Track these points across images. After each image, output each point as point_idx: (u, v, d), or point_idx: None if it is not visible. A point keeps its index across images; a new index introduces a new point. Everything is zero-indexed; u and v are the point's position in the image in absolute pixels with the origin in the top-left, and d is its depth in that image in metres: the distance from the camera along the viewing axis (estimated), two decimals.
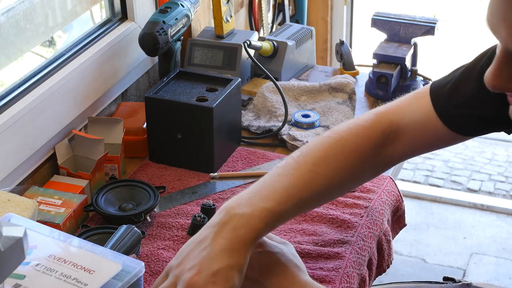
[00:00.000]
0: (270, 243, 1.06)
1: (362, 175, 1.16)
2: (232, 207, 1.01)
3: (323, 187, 1.08)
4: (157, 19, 1.52)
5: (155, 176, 1.44)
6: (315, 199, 1.09)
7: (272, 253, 1.05)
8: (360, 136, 1.12)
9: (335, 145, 1.11)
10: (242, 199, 1.02)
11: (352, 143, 1.11)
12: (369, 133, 1.13)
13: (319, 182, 1.07)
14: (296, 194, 1.04)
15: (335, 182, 1.09)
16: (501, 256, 2.67)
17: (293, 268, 1.05)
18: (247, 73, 1.76)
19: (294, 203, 1.04)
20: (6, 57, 1.37)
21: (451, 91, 1.11)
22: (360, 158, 1.11)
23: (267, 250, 1.05)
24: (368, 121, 1.14)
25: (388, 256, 1.34)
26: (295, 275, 1.04)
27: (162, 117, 1.44)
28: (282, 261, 1.05)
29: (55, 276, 0.96)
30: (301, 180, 1.06)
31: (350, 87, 1.69)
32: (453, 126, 1.11)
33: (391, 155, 1.15)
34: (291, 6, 2.61)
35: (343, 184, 1.12)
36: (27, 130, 1.34)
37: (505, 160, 3.22)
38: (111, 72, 1.58)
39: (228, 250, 0.97)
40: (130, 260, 0.99)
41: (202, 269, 0.96)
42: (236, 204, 1.01)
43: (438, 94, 1.12)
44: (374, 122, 1.14)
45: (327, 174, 1.08)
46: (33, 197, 1.27)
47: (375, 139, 1.13)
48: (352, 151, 1.11)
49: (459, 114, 1.10)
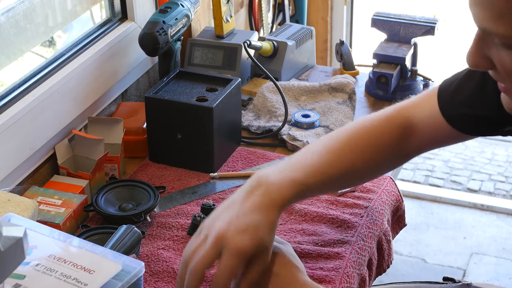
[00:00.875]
0: None
1: (382, 165, 1.22)
2: (264, 175, 1.06)
3: (347, 169, 1.15)
4: (157, 19, 1.52)
5: (155, 176, 1.44)
6: (339, 179, 1.16)
7: (271, 254, 1.05)
8: (382, 128, 1.20)
9: (359, 133, 1.19)
10: (273, 170, 1.08)
11: (374, 133, 1.19)
12: (389, 126, 1.20)
13: (343, 164, 1.14)
14: (323, 170, 1.11)
15: (357, 167, 1.16)
16: (501, 256, 2.67)
17: (292, 268, 1.06)
18: (247, 73, 1.76)
19: (321, 179, 1.10)
20: (6, 57, 1.37)
21: (455, 90, 1.16)
22: (381, 148, 1.18)
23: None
24: (388, 116, 1.21)
25: (388, 256, 1.34)
26: (294, 275, 1.05)
27: (162, 117, 1.44)
28: (281, 261, 1.05)
29: (55, 276, 0.96)
30: (328, 159, 1.13)
31: (350, 87, 1.69)
32: (455, 125, 1.16)
33: (407, 149, 1.21)
34: (291, 6, 2.61)
35: (364, 170, 1.19)
36: (27, 130, 1.34)
37: (505, 160, 3.22)
38: (111, 72, 1.58)
39: (258, 209, 1.02)
40: (130, 260, 0.99)
41: (232, 222, 1.00)
42: (266, 173, 1.07)
43: (444, 93, 1.17)
44: (392, 117, 1.21)
45: (351, 158, 1.15)
46: (33, 197, 1.27)
47: (394, 132, 1.19)
48: (374, 141, 1.18)
49: (461, 114, 1.15)
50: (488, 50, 0.90)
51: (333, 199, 1.35)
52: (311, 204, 1.34)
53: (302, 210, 1.32)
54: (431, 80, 1.81)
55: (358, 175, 1.20)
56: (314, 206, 1.33)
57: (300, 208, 1.32)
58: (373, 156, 1.18)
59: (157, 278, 1.17)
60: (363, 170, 1.19)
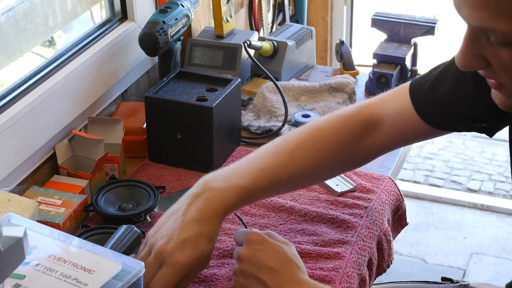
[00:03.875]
0: (271, 242, 1.09)
1: (340, 164, 1.21)
2: (208, 181, 1.08)
3: (298, 172, 1.14)
4: (157, 19, 1.52)
5: (155, 176, 1.44)
6: (290, 182, 1.15)
7: (272, 251, 1.07)
8: (340, 125, 1.18)
9: (314, 132, 1.18)
10: (218, 175, 1.09)
11: (331, 131, 1.17)
12: (348, 123, 1.18)
13: (293, 167, 1.13)
14: (271, 176, 1.11)
15: (311, 169, 1.15)
16: (501, 256, 2.67)
17: (293, 267, 1.07)
18: (247, 73, 1.76)
19: (268, 184, 1.11)
20: (6, 57, 1.37)
21: (429, 89, 1.16)
22: (338, 146, 1.17)
23: (269, 248, 1.08)
24: (349, 112, 1.20)
25: (388, 256, 1.34)
26: (294, 273, 1.06)
27: (162, 117, 1.44)
28: (283, 259, 1.07)
29: (55, 276, 0.96)
30: (277, 163, 1.12)
31: (350, 87, 1.69)
32: (432, 122, 1.16)
33: (370, 146, 1.19)
34: (291, 6, 2.61)
35: (319, 171, 1.18)
36: (27, 130, 1.34)
37: (505, 160, 3.22)
38: (111, 72, 1.58)
39: (198, 220, 1.04)
40: (130, 260, 0.99)
41: (171, 237, 1.03)
42: (212, 179, 1.08)
43: (417, 91, 1.17)
44: (355, 113, 1.19)
45: (302, 161, 1.14)
46: (33, 197, 1.27)
47: (354, 128, 1.18)
48: (330, 139, 1.17)
49: (437, 112, 1.15)
50: (481, 50, 0.88)
51: (333, 199, 1.35)
52: (311, 204, 1.34)
53: (302, 210, 1.32)
54: None
55: (311, 177, 1.19)
56: (314, 206, 1.33)
57: (300, 208, 1.32)
58: (329, 157, 1.17)
59: None
60: (317, 172, 1.18)
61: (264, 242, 1.08)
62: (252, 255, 1.06)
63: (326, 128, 1.18)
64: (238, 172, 1.10)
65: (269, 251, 1.07)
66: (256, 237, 1.08)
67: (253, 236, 1.08)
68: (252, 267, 1.06)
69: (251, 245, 1.07)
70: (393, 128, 1.18)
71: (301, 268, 1.08)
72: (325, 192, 1.38)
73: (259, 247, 1.07)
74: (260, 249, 1.07)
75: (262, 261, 1.06)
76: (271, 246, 1.08)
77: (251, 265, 1.06)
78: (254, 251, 1.06)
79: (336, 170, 1.24)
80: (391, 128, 1.18)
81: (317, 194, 1.37)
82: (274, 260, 1.06)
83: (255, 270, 1.06)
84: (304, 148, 1.15)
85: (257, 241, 1.08)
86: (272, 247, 1.08)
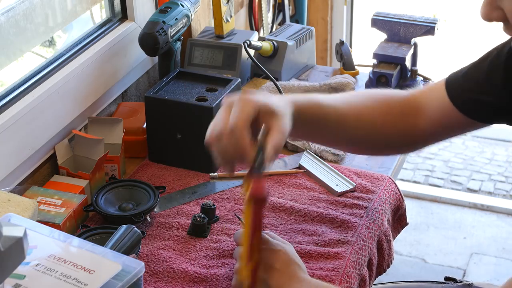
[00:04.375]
0: (273, 242, 1.11)
1: (395, 139, 1.25)
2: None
3: (366, 124, 1.22)
4: (157, 19, 1.52)
5: (155, 176, 1.44)
6: (336, 124, 1.20)
7: (274, 251, 1.09)
8: (393, 97, 1.25)
9: (369, 93, 1.28)
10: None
11: (385, 97, 1.25)
12: (399, 99, 1.25)
13: (364, 118, 1.21)
14: (322, 105, 1.18)
15: (363, 119, 1.21)
16: (501, 256, 2.67)
17: (294, 266, 1.09)
18: (247, 73, 1.76)
19: (316, 111, 1.17)
20: (6, 57, 1.37)
21: (464, 79, 1.20)
22: (396, 119, 1.23)
23: (270, 248, 1.10)
24: (401, 93, 1.27)
25: (389, 256, 1.34)
26: (296, 272, 1.08)
27: (162, 117, 1.44)
28: (283, 258, 1.09)
29: (55, 276, 0.96)
30: (333, 101, 1.20)
31: (350, 87, 1.69)
32: (463, 110, 1.19)
33: (416, 128, 1.23)
34: (291, 6, 2.61)
35: (380, 131, 1.23)
36: (27, 130, 1.34)
37: (505, 160, 3.22)
38: (111, 72, 1.58)
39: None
40: (130, 260, 0.99)
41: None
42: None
43: (452, 81, 1.21)
44: (405, 96, 1.26)
45: (357, 108, 1.21)
46: (33, 197, 1.27)
47: (404, 106, 1.23)
48: (382, 101, 1.24)
49: (469, 99, 1.18)
50: (501, 2, 0.93)
51: (333, 199, 1.35)
52: (311, 204, 1.34)
53: (302, 210, 1.32)
54: (431, 80, 1.81)
55: (361, 128, 1.22)
56: (314, 206, 1.33)
57: (300, 208, 1.32)
58: (390, 122, 1.22)
59: (157, 278, 1.17)
60: (380, 131, 1.22)
61: (265, 242, 1.09)
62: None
63: (381, 94, 1.26)
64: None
65: (270, 251, 1.09)
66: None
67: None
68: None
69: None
70: (435, 117, 1.22)
71: (302, 268, 1.10)
72: (325, 192, 1.38)
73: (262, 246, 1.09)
74: (262, 249, 1.08)
75: (263, 261, 1.07)
76: (271, 245, 1.10)
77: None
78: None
79: (384, 132, 1.25)
80: (433, 117, 1.22)
81: (317, 194, 1.37)
82: (275, 259, 1.08)
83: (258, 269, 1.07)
84: (359, 99, 1.24)
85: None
86: (273, 246, 1.10)
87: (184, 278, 1.17)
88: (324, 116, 1.18)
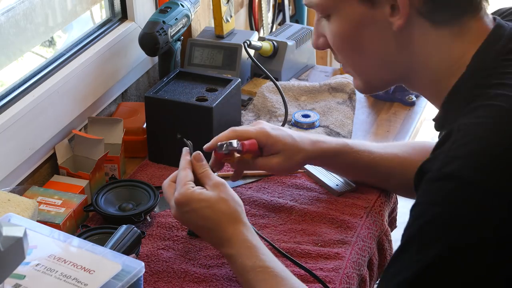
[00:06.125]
0: (197, 198, 1.12)
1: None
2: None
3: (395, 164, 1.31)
4: (157, 19, 1.51)
5: (155, 176, 1.44)
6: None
7: (200, 208, 1.12)
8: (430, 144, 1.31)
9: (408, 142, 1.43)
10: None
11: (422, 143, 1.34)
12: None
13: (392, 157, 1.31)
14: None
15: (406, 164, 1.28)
16: None
17: (222, 222, 1.12)
18: (247, 73, 1.76)
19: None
20: (6, 57, 1.37)
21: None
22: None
23: (195, 207, 1.12)
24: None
25: (390, 257, 1.34)
26: (224, 229, 1.11)
27: (162, 117, 1.44)
28: (210, 216, 1.11)
29: (55, 276, 0.96)
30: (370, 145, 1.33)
31: (350, 87, 1.69)
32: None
33: None
34: (291, 6, 2.61)
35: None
36: (27, 130, 1.34)
37: None
38: (111, 72, 1.58)
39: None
40: (130, 260, 0.99)
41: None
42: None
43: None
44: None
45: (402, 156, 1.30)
46: (33, 197, 1.27)
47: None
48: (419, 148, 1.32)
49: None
50: (322, 29, 1.04)
51: (333, 199, 1.35)
52: (311, 204, 1.34)
53: (302, 210, 1.32)
54: None
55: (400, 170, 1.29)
56: (314, 206, 1.33)
57: (300, 208, 1.32)
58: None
59: (157, 278, 1.17)
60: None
61: (189, 203, 1.11)
62: (182, 217, 1.13)
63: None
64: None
65: (196, 210, 1.11)
66: (180, 199, 1.11)
67: (178, 197, 1.12)
68: (190, 226, 1.18)
69: (178, 208, 1.12)
70: None
71: (232, 217, 1.11)
72: (325, 192, 1.38)
73: (185, 208, 1.11)
74: (187, 211, 1.11)
75: (192, 222, 1.13)
76: (196, 203, 1.11)
77: (188, 225, 1.18)
78: (183, 214, 1.12)
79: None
80: None
81: (317, 194, 1.37)
82: (203, 218, 1.11)
83: (193, 228, 1.16)
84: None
85: (183, 203, 1.11)
86: (197, 204, 1.11)
87: (184, 278, 1.17)
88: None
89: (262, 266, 1.06)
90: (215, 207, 1.11)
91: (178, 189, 1.13)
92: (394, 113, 1.66)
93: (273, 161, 1.26)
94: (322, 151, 1.29)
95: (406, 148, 1.33)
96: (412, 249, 0.85)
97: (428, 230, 0.84)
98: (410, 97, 1.68)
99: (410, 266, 0.85)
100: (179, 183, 1.14)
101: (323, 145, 1.30)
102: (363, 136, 1.57)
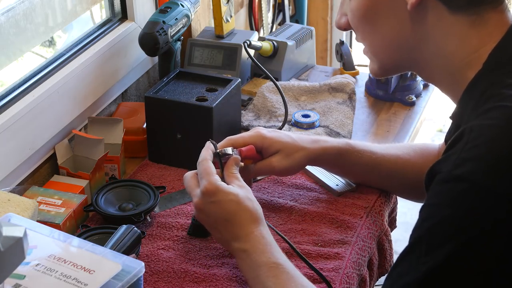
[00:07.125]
0: (224, 191, 1.13)
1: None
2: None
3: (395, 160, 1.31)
4: (157, 19, 1.51)
5: (155, 176, 1.44)
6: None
7: (225, 201, 1.13)
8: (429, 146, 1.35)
9: (408, 144, 1.40)
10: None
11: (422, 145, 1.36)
12: (434, 147, 1.34)
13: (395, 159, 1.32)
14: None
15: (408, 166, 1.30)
16: None
17: (244, 216, 1.12)
18: (247, 73, 1.76)
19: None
20: (6, 57, 1.37)
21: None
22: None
23: (222, 198, 1.13)
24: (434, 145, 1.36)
25: (390, 257, 1.34)
26: (244, 223, 1.12)
27: (162, 117, 1.44)
28: (233, 209, 1.12)
29: (55, 276, 0.96)
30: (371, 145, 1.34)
31: (350, 87, 1.69)
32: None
33: None
34: (291, 6, 2.61)
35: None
36: (27, 130, 1.34)
37: None
38: (111, 72, 1.58)
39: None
40: (130, 260, 0.99)
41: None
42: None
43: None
44: (437, 146, 1.33)
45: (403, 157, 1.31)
46: (33, 197, 1.27)
47: (440, 153, 1.30)
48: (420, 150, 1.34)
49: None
50: (346, 9, 1.07)
51: (333, 199, 1.35)
52: (311, 204, 1.34)
53: (302, 210, 1.32)
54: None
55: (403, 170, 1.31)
56: (314, 206, 1.33)
57: (300, 208, 1.32)
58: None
59: (157, 278, 1.17)
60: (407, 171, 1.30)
61: (216, 193, 1.12)
62: (205, 207, 1.13)
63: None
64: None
65: (222, 202, 1.11)
66: (209, 188, 1.12)
67: (207, 186, 1.12)
68: (208, 218, 1.14)
69: (204, 197, 1.12)
70: None
71: (254, 215, 1.12)
72: (325, 192, 1.38)
73: (211, 199, 1.12)
74: (212, 201, 1.12)
75: (214, 213, 1.12)
76: (223, 196, 1.12)
77: (206, 217, 1.14)
78: (207, 204, 1.13)
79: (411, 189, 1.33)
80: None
81: (317, 194, 1.37)
82: (226, 211, 1.11)
83: (212, 220, 1.14)
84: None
85: (210, 192, 1.12)
86: (225, 196, 1.12)
87: (184, 278, 1.17)
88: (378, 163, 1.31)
89: (275, 263, 1.06)
90: (241, 202, 1.12)
91: (206, 178, 1.13)
92: (394, 113, 1.66)
93: (273, 160, 1.26)
94: (324, 150, 1.29)
95: (407, 150, 1.33)
96: (420, 250, 0.85)
97: (437, 231, 0.84)
98: (410, 97, 1.68)
99: (418, 267, 0.85)
100: (205, 172, 1.15)
101: (324, 144, 1.30)
102: (363, 136, 1.57)
